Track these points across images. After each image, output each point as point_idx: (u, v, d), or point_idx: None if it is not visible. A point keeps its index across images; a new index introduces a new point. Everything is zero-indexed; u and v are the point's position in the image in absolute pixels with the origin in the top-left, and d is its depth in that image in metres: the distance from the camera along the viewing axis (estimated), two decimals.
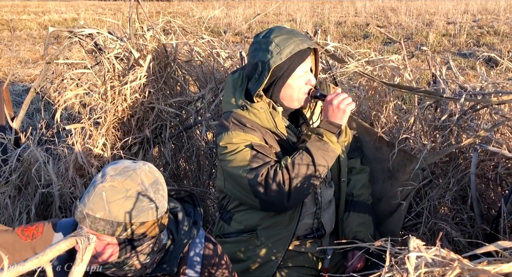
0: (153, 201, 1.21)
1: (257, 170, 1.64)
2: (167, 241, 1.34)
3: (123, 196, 1.16)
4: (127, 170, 1.20)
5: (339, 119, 1.69)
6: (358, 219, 1.91)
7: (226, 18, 14.46)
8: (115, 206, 1.15)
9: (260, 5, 20.57)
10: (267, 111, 1.72)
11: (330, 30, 12.44)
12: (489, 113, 1.92)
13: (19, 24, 14.41)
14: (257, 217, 1.78)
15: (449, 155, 2.00)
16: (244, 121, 1.70)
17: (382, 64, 2.12)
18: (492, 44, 10.39)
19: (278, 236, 1.78)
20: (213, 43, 2.62)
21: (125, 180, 1.18)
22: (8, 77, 2.49)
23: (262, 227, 1.78)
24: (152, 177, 1.24)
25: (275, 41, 1.64)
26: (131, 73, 2.29)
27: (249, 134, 1.68)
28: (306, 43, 1.67)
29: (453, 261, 0.71)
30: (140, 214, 1.19)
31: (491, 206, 1.97)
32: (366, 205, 1.96)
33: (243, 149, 1.67)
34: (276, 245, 1.77)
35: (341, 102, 1.67)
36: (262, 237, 1.78)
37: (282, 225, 1.77)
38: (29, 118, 4.98)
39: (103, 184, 1.17)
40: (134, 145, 2.47)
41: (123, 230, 1.17)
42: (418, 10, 18.41)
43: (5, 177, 2.16)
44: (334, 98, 1.68)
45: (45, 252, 0.74)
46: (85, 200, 1.17)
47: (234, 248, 1.81)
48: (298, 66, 1.68)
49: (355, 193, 1.94)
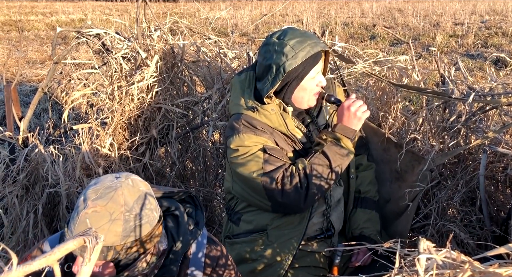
0: (141, 218, 1.17)
1: (272, 174, 1.64)
2: (166, 246, 1.32)
3: (107, 221, 1.12)
4: (108, 191, 1.15)
5: (354, 125, 1.72)
6: (365, 215, 1.94)
7: (232, 18, 14.48)
8: (101, 232, 1.10)
9: (266, 6, 20.58)
10: (277, 113, 1.72)
11: (336, 31, 12.42)
12: (498, 114, 1.90)
13: (27, 24, 14.51)
14: (267, 217, 1.78)
15: (458, 157, 1.98)
16: (255, 123, 1.69)
17: (390, 64, 2.11)
18: (500, 45, 10.33)
19: (288, 235, 1.77)
20: (220, 44, 2.61)
21: (107, 204, 1.13)
22: (16, 77, 2.50)
23: (272, 227, 1.78)
24: (136, 193, 1.19)
25: (290, 44, 1.64)
26: (138, 73, 2.29)
27: (261, 136, 1.68)
28: (319, 45, 1.68)
29: (463, 264, 0.70)
30: (130, 234, 1.15)
31: (500, 208, 1.95)
32: (373, 202, 1.98)
33: (255, 152, 1.67)
34: (286, 245, 1.77)
35: (358, 109, 1.71)
36: (272, 237, 1.78)
37: (292, 225, 1.77)
38: (37, 118, 5.01)
39: (85, 210, 1.12)
40: (141, 145, 2.47)
41: (115, 254, 1.14)
42: (425, 11, 18.34)
43: (13, 176, 2.16)
44: (351, 105, 1.71)
45: (53, 251, 0.74)
46: (71, 227, 1.13)
47: (244, 248, 1.81)
48: (312, 68, 1.69)
49: (362, 190, 1.97)
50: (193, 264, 1.37)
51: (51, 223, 2.22)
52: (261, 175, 1.64)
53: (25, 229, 2.13)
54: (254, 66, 1.84)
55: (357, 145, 1.99)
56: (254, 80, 1.79)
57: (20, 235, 2.13)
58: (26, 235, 2.13)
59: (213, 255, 1.41)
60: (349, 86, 2.34)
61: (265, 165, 1.65)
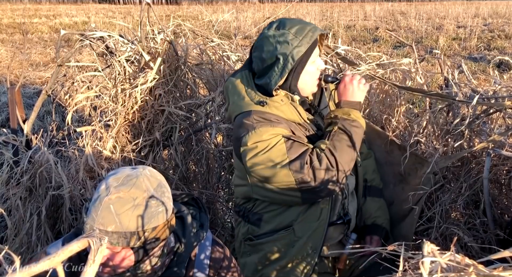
0: (161, 204, 1.21)
1: (299, 160, 1.59)
2: (175, 244, 1.34)
3: (131, 206, 1.15)
4: (129, 178, 1.19)
5: (359, 98, 1.78)
6: (375, 203, 1.97)
7: (235, 21, 14.51)
8: (125, 217, 1.14)
9: (269, 9, 20.62)
10: (288, 103, 1.71)
11: (339, 33, 12.43)
12: (503, 117, 1.90)
13: (30, 27, 14.58)
14: (293, 213, 1.74)
15: (461, 160, 1.98)
16: (268, 116, 1.65)
17: (393, 67, 2.11)
18: (503, 48, 10.31)
19: (313, 228, 1.73)
20: (223, 46, 2.62)
21: (130, 190, 1.17)
22: (19, 80, 2.51)
23: (298, 222, 1.73)
24: (155, 181, 1.23)
25: (292, 32, 1.64)
26: (142, 76, 2.30)
27: (277, 127, 1.63)
28: (318, 30, 1.71)
29: (468, 267, 0.70)
30: (151, 220, 1.18)
31: (504, 211, 1.94)
32: (379, 190, 2.02)
33: (276, 143, 1.61)
34: (312, 239, 1.73)
35: (360, 81, 1.78)
36: (299, 232, 1.73)
37: (316, 217, 1.73)
38: (40, 121, 5.03)
39: (109, 196, 1.15)
40: (144, 147, 2.47)
41: (137, 239, 1.16)
42: (428, 14, 18.34)
43: (17, 178, 2.17)
44: (353, 79, 1.78)
45: (57, 253, 0.74)
46: (92, 215, 1.15)
47: (272, 247, 1.77)
48: (313, 52, 1.71)
49: (369, 178, 2.01)
50: (197, 266, 1.37)
51: (55, 225, 2.22)
52: (288, 164, 1.59)
53: (29, 231, 2.13)
54: (246, 65, 1.82)
55: None
56: (251, 78, 1.77)
57: (23, 237, 2.13)
58: (30, 237, 2.13)
59: (217, 257, 1.41)
60: None
61: (289, 153, 1.60)
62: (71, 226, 2.18)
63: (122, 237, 1.14)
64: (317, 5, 26.27)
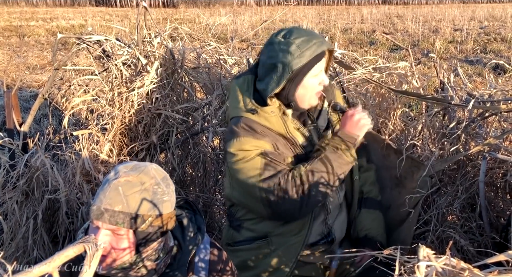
0: (166, 194, 1.26)
1: (270, 180, 1.62)
2: (173, 244, 1.35)
3: (139, 189, 1.20)
4: (138, 166, 1.26)
5: (356, 133, 1.73)
6: (370, 215, 1.94)
7: (232, 24, 14.53)
8: (132, 199, 1.18)
9: (266, 12, 20.67)
10: (278, 115, 1.71)
11: (336, 36, 12.46)
12: (498, 121, 1.91)
13: (27, 30, 14.56)
14: (270, 224, 1.77)
15: (457, 163, 1.98)
16: (255, 127, 1.67)
17: (390, 71, 2.12)
18: (499, 51, 10.36)
19: (289, 242, 1.76)
20: (220, 50, 2.62)
21: (139, 175, 1.22)
22: (16, 83, 2.50)
23: (275, 234, 1.77)
24: (161, 173, 1.29)
25: (295, 43, 1.63)
26: (139, 80, 2.30)
27: (260, 140, 1.66)
28: (324, 45, 1.67)
29: (463, 271, 0.70)
30: (157, 206, 1.23)
31: (500, 214, 1.95)
32: (376, 201, 1.99)
33: (254, 157, 1.64)
34: (287, 252, 1.76)
35: (362, 118, 1.73)
36: (275, 244, 1.77)
37: (293, 232, 1.76)
38: (37, 124, 5.01)
39: (118, 179, 1.20)
40: (140, 151, 2.47)
41: (142, 222, 1.20)
42: (425, 17, 18.41)
43: (13, 182, 2.16)
44: (355, 113, 1.73)
45: (52, 258, 0.74)
46: (100, 197, 1.19)
47: (246, 256, 1.80)
48: (315, 66, 1.68)
49: (365, 190, 1.99)
50: (197, 269, 1.38)
51: (51, 229, 2.21)
52: (260, 181, 1.62)
53: (25, 235, 2.12)
54: (252, 69, 1.82)
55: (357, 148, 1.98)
56: (252, 83, 1.77)
57: (19, 241, 2.12)
58: (26, 241, 2.12)
59: (214, 261, 1.42)
60: (348, 93, 2.35)
61: (264, 170, 1.63)
62: (67, 230, 2.17)
63: (128, 217, 1.18)
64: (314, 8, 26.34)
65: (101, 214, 1.17)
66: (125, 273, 1.24)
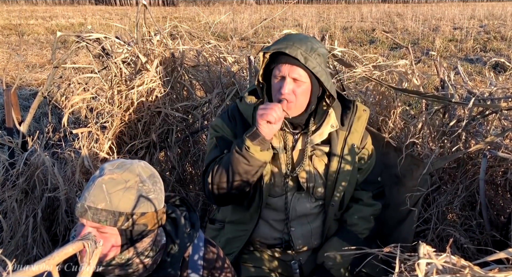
0: (152, 192, 1.24)
1: (206, 161, 1.78)
2: (167, 244, 1.34)
3: (122, 187, 1.19)
4: (124, 164, 1.24)
5: (260, 131, 1.60)
6: (338, 246, 1.76)
7: (232, 23, 14.51)
8: (115, 197, 1.18)
9: (266, 11, 20.65)
10: (252, 106, 1.75)
11: (336, 35, 12.44)
12: (498, 119, 1.90)
13: (26, 28, 14.54)
14: (227, 210, 1.90)
15: (457, 161, 1.98)
16: (232, 112, 1.80)
17: (390, 69, 2.11)
18: (499, 50, 10.35)
19: (238, 232, 1.84)
20: (220, 48, 2.62)
21: (123, 172, 1.21)
22: (15, 82, 2.50)
23: (229, 220, 1.88)
24: (148, 171, 1.28)
25: (278, 39, 1.70)
26: (138, 78, 2.30)
27: (226, 125, 1.78)
28: (295, 51, 1.57)
29: (464, 268, 0.70)
30: (141, 204, 1.21)
31: (500, 212, 1.95)
32: (355, 238, 1.79)
33: (212, 136, 1.80)
34: (235, 241, 1.83)
35: (260, 113, 1.58)
36: (227, 230, 1.87)
37: (243, 224, 1.83)
38: (36, 122, 5.00)
39: (103, 177, 1.19)
40: (140, 149, 2.47)
41: (125, 220, 1.19)
42: (424, 15, 18.39)
43: (12, 180, 2.16)
44: (260, 109, 1.60)
45: (52, 256, 0.74)
46: (85, 195, 1.19)
47: (209, 235, 1.90)
48: (275, 66, 1.64)
49: (349, 221, 1.81)
50: (191, 267, 1.37)
51: (50, 228, 2.21)
52: (206, 159, 1.79)
53: (24, 233, 2.12)
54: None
55: (366, 179, 1.84)
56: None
57: (19, 239, 2.12)
58: (25, 239, 2.12)
59: (210, 258, 1.41)
60: (348, 91, 2.35)
61: (208, 151, 1.80)
62: (67, 228, 2.17)
63: (110, 215, 1.17)
64: (314, 6, 26.32)
65: (84, 211, 1.17)
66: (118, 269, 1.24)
